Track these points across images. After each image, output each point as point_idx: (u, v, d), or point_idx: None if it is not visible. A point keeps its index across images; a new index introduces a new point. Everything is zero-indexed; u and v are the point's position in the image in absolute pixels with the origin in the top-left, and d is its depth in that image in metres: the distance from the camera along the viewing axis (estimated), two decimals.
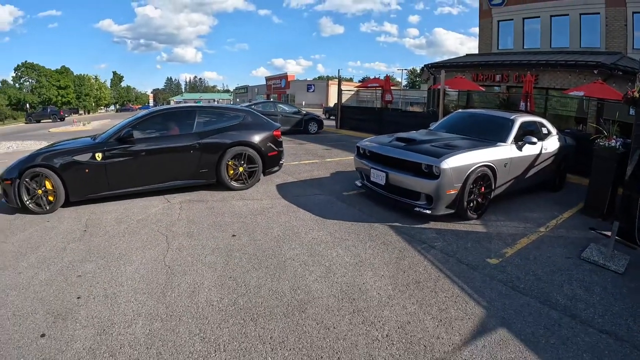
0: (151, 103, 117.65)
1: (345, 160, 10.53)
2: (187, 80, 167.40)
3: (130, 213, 5.94)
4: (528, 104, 12.43)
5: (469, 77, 18.81)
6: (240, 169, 7.33)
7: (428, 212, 5.55)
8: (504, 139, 6.47)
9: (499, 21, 21.91)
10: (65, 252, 4.58)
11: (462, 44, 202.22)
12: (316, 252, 4.57)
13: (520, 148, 6.47)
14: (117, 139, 6.48)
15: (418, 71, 59.29)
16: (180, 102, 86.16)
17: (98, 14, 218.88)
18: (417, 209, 5.65)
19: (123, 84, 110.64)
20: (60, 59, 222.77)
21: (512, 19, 21.23)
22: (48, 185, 6.00)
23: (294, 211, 6.14)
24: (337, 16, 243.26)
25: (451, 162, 5.36)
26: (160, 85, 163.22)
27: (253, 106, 16.63)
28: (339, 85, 20.96)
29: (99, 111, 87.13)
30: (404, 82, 71.71)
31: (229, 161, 7.20)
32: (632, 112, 12.01)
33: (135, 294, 3.63)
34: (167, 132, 7.05)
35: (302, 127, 17.89)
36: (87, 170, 6.17)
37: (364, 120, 18.86)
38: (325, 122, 21.10)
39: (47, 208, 6.05)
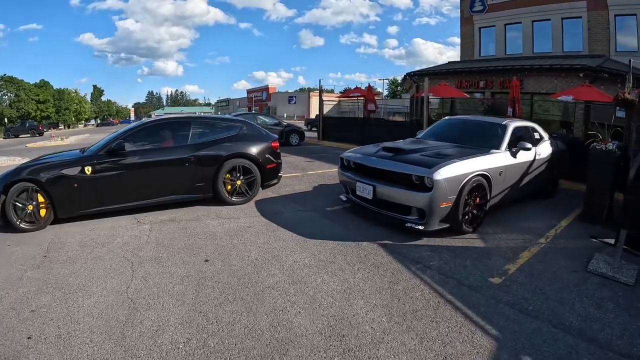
0: (132, 117, 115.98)
1: (328, 173, 10.06)
2: (169, 93, 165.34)
3: (95, 235, 5.39)
4: (516, 109, 12.14)
5: (452, 84, 18.53)
6: (238, 182, 6.99)
7: (420, 227, 5.08)
8: (497, 146, 6.10)
9: (480, 28, 21.81)
10: (21, 281, 4.05)
11: (441, 53, 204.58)
12: (298, 279, 4.05)
13: (514, 155, 6.12)
14: (108, 151, 6.12)
15: (399, 81, 59.32)
16: (161, 115, 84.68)
17: (79, 28, 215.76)
18: (408, 224, 5.18)
19: (104, 98, 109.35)
20: (40, 73, 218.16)
21: (493, 26, 21.14)
22: (40, 199, 5.69)
23: (274, 230, 5.62)
24: (316, 28, 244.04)
25: (444, 173, 4.92)
26: (142, 99, 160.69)
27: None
28: (320, 95, 20.43)
29: (79, 126, 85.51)
30: (385, 92, 71.78)
31: (226, 174, 6.87)
32: (619, 114, 11.83)
33: (92, 334, 3.11)
34: (161, 144, 6.69)
35: (283, 139, 17.28)
36: (75, 185, 5.82)
37: (347, 131, 18.42)
38: (308, 134, 20.74)
39: (41, 223, 5.74)
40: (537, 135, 7.22)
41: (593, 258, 4.64)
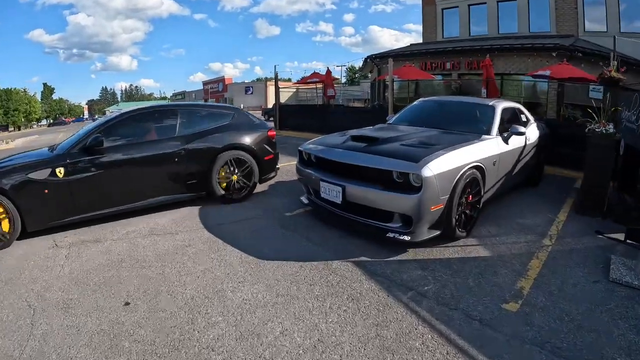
0: (86, 115, 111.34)
1: (287, 167, 8.73)
2: (123, 89, 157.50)
3: (1, 268, 4.14)
4: (487, 90, 11.33)
5: (417, 66, 17.66)
6: (234, 177, 6.15)
7: (406, 238, 3.99)
8: (488, 131, 5.18)
9: (443, 9, 20.99)
10: None
11: (398, 40, 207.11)
12: (249, 330, 2.88)
13: (506, 140, 5.22)
14: (83, 148, 5.15)
15: (357, 68, 58.23)
16: (115, 112, 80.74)
17: (29, 24, 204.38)
18: (390, 234, 4.07)
19: (55, 96, 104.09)
20: None
21: (457, 6, 20.34)
22: (1, 210, 4.63)
23: (219, 250, 4.38)
24: (272, 18, 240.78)
25: (435, 167, 3.86)
26: (95, 95, 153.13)
27: None
28: (276, 82, 18.73)
29: (31, 127, 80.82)
30: (343, 80, 70.78)
31: (220, 169, 6.03)
32: (592, 94, 11.25)
33: None
34: (145, 137, 5.82)
35: None
36: (46, 191, 4.85)
37: (306, 119, 16.86)
38: None
39: (5, 241, 4.68)
40: (524, 118, 6.39)
41: (611, 263, 3.80)
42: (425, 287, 3.44)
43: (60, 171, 4.89)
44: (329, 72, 18.03)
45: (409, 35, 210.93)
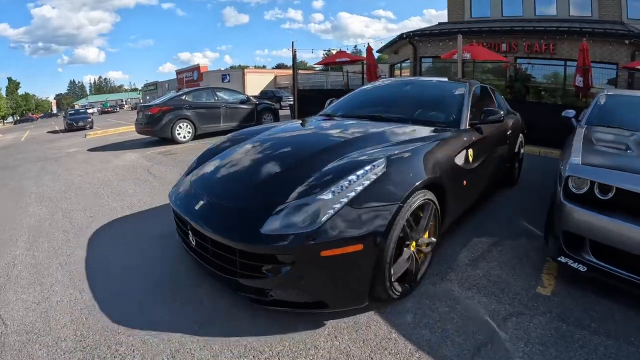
0: (54, 110, 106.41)
1: None
2: (92, 81, 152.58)
3: None
4: (583, 78, 9.42)
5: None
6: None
7: None
8: None
9: None
10: None
11: (367, 26, 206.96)
12: None
13: None
14: (474, 123, 3.97)
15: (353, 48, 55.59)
16: (85, 105, 76.26)
17: None
18: None
19: (21, 92, 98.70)
20: None
21: None
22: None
23: None
24: (240, 5, 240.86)
25: None
26: (64, 89, 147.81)
27: (184, 96, 11.98)
28: (294, 65, 14.88)
29: None
30: (318, 67, 68.38)
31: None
32: None
33: None
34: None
35: (255, 120, 12.81)
36: (464, 182, 3.59)
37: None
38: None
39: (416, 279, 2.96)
40: None
41: None
42: None
43: (471, 154, 3.68)
44: (370, 49, 15.36)
45: (378, 22, 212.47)
